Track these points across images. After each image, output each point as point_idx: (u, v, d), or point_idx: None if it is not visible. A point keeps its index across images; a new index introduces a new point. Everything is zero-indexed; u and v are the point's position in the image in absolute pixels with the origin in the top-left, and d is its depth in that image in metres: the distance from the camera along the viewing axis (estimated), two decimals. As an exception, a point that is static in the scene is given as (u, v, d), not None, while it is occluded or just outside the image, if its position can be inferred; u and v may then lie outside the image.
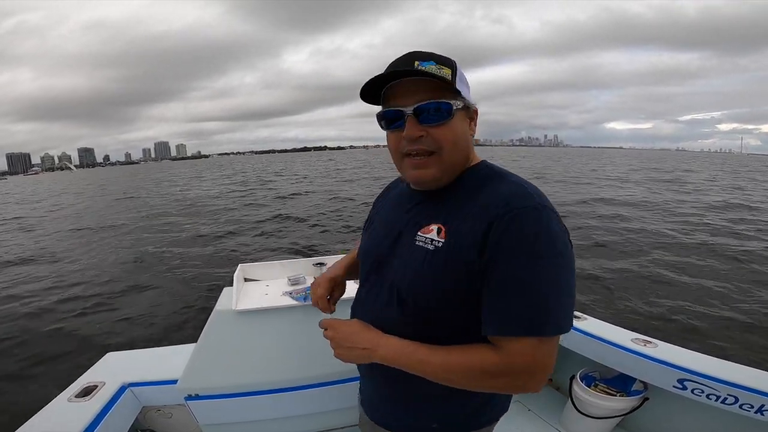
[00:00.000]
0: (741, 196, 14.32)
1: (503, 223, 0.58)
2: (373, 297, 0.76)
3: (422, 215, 0.70)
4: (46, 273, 5.84)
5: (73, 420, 1.17)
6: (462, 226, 0.63)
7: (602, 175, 23.53)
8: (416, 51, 0.64)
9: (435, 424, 0.75)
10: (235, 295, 1.36)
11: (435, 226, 0.66)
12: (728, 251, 6.40)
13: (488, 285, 0.60)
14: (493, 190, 0.64)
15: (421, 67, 0.61)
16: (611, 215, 9.57)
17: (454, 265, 0.62)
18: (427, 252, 0.65)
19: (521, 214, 0.59)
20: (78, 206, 15.38)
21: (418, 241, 0.67)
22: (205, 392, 1.32)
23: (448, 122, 0.63)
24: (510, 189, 0.63)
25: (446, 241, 0.64)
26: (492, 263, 0.59)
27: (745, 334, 3.67)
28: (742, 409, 1.31)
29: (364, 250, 0.84)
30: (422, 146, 0.64)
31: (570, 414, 1.69)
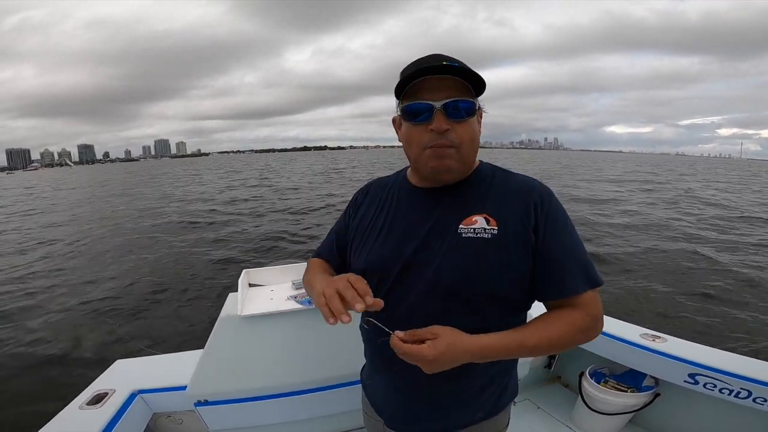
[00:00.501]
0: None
1: (544, 205, 0.70)
2: (401, 309, 0.73)
3: (453, 209, 0.73)
4: (54, 280, 5.91)
5: (86, 428, 1.18)
6: (507, 213, 0.70)
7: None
8: (441, 53, 0.71)
9: (480, 414, 0.81)
10: (240, 300, 1.37)
11: (479, 216, 0.70)
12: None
13: (547, 256, 0.69)
14: (513, 180, 0.76)
15: (453, 66, 0.66)
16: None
17: (516, 247, 0.69)
18: (485, 241, 0.69)
19: (552, 196, 0.73)
20: (78, 205, 15.52)
21: (465, 233, 0.70)
22: (214, 398, 1.32)
23: (470, 120, 0.70)
24: (524, 178, 0.76)
25: (500, 227, 0.69)
26: (545, 238, 0.69)
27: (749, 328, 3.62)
28: (756, 402, 1.29)
29: (378, 260, 0.77)
30: (446, 140, 0.68)
31: (581, 411, 1.68)
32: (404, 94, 0.70)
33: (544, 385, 2.01)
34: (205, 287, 5.22)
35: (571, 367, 1.95)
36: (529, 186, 0.73)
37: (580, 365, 1.78)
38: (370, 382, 0.91)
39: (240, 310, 1.31)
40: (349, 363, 1.31)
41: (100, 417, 1.24)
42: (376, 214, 0.82)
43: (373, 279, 0.73)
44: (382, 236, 0.79)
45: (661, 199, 14.01)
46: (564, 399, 1.88)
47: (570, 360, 1.95)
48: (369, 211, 0.84)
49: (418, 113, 0.68)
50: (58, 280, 5.97)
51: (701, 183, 21.71)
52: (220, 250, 7.23)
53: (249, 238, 8.12)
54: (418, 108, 0.68)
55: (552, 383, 2.03)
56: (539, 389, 1.98)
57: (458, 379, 0.74)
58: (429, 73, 0.67)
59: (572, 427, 1.71)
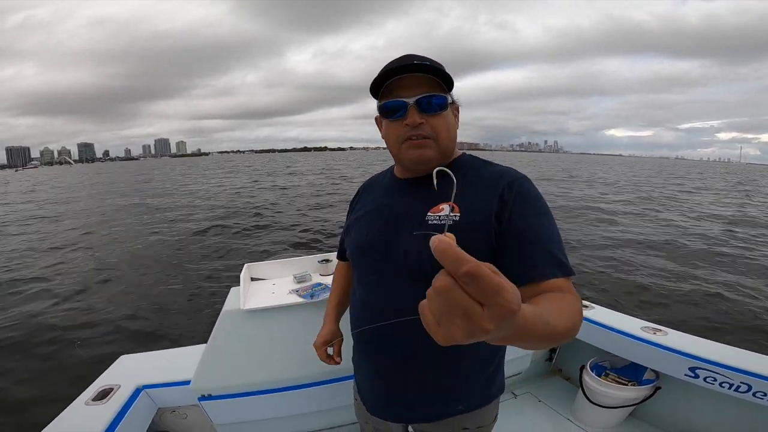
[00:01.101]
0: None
1: (513, 189, 0.71)
2: (385, 284, 0.79)
3: (425, 198, 0.76)
4: (55, 276, 5.94)
5: (92, 423, 1.20)
6: (472, 201, 0.72)
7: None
8: (413, 53, 0.75)
9: (460, 406, 0.81)
10: (242, 294, 1.37)
11: (445, 205, 0.73)
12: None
13: (514, 240, 0.68)
14: (488, 170, 0.78)
15: (423, 64, 0.71)
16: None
17: (474, 235, 0.69)
18: (446, 228, 0.67)
19: (523, 182, 0.73)
20: (79, 203, 15.53)
21: (431, 221, 0.73)
22: (218, 392, 1.34)
23: (443, 113, 0.74)
24: (501, 167, 0.78)
25: (462, 214, 0.71)
26: (511, 223, 0.69)
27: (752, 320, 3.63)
28: (755, 396, 1.29)
29: (365, 243, 0.84)
30: (422, 132, 0.74)
31: (581, 404, 1.69)
32: (381, 93, 0.76)
33: (545, 378, 2.02)
34: (207, 282, 5.24)
35: (571, 361, 1.95)
36: (500, 173, 0.75)
37: (581, 358, 1.79)
38: (356, 365, 0.95)
39: (242, 304, 1.32)
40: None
41: (105, 412, 1.25)
42: (364, 208, 0.90)
43: (368, 259, 0.83)
44: (366, 224, 0.86)
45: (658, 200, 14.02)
46: (565, 392, 1.89)
47: (571, 353, 1.96)
48: (362, 205, 0.92)
49: (395, 110, 0.74)
50: (60, 271, 6.00)
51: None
52: (222, 245, 7.25)
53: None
54: (394, 105, 0.74)
55: (553, 376, 2.04)
56: (540, 382, 1.99)
57: (444, 367, 0.78)
58: (399, 73, 0.72)
59: (573, 420, 1.72)
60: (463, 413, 0.82)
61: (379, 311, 0.78)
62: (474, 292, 0.31)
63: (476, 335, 0.33)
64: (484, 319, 0.31)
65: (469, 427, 0.84)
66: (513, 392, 1.91)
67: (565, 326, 0.55)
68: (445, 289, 0.31)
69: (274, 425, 1.46)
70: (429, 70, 0.70)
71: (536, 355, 1.86)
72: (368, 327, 0.78)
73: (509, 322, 0.33)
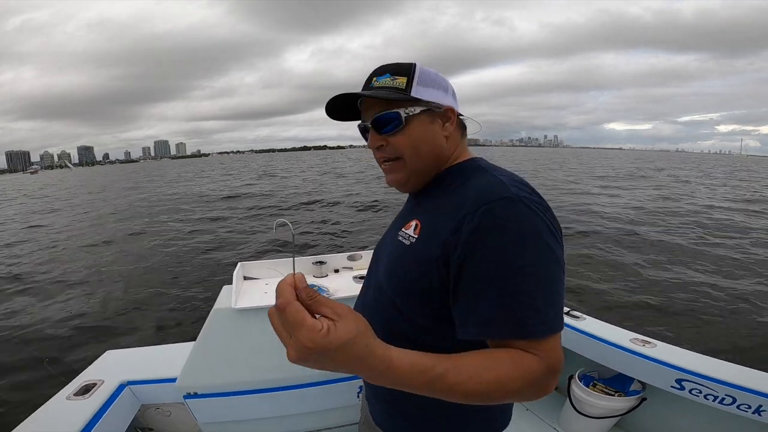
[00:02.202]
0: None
1: (476, 218, 0.55)
2: (367, 300, 0.79)
3: (409, 213, 0.74)
4: (44, 270, 5.83)
5: (72, 418, 1.17)
6: (436, 223, 0.63)
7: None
8: (379, 66, 0.68)
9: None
10: (234, 293, 1.36)
11: (414, 221, 0.68)
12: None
13: (468, 284, 0.55)
14: (470, 186, 0.63)
15: (376, 81, 0.67)
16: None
17: (422, 261, 0.61)
18: (403, 247, 0.67)
19: (495, 207, 0.55)
20: (78, 200, 15.37)
21: (399, 236, 0.70)
22: (204, 391, 1.32)
23: (403, 129, 0.66)
24: (486, 182, 0.61)
25: (419, 236, 0.65)
26: (467, 261, 0.54)
27: (740, 333, 3.68)
28: (739, 409, 1.31)
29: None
30: (384, 154, 0.69)
31: (568, 414, 1.70)
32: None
33: None
34: (199, 279, 5.18)
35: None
36: (477, 193, 0.59)
37: (571, 368, 1.80)
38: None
39: (234, 302, 1.31)
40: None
41: (87, 407, 1.23)
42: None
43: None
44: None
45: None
46: (553, 402, 1.90)
47: None
48: None
49: (363, 134, 0.73)
50: (49, 268, 5.90)
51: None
52: (215, 242, 7.18)
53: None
54: (361, 130, 0.73)
55: None
56: None
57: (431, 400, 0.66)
58: (341, 100, 0.69)
59: (559, 430, 1.73)
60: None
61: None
62: (282, 323, 0.40)
63: (290, 358, 0.39)
64: (289, 347, 0.39)
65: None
66: None
67: (476, 389, 0.48)
68: (269, 314, 0.41)
69: (261, 426, 1.44)
70: (373, 93, 0.65)
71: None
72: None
73: (317, 357, 0.39)
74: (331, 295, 1.32)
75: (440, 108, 0.68)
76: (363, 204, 11.36)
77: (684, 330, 3.85)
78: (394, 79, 0.66)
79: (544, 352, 0.52)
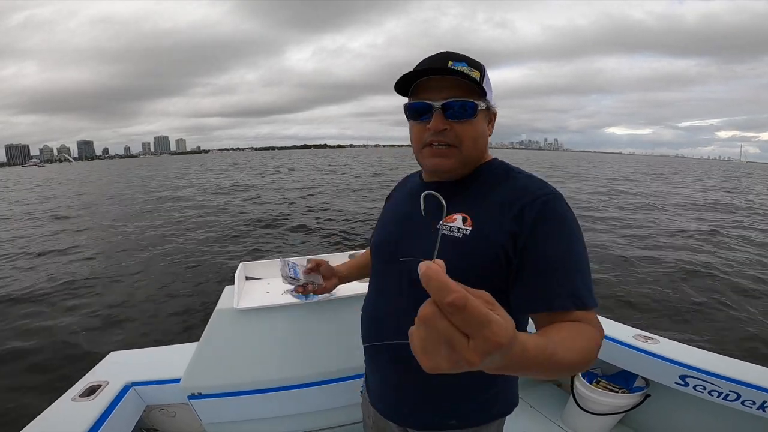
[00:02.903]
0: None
1: (535, 208, 0.64)
2: (390, 287, 0.79)
3: (437, 207, 0.72)
4: (48, 270, 5.86)
5: (78, 420, 1.18)
6: (488, 215, 0.67)
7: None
8: (450, 51, 0.70)
9: (453, 421, 0.77)
10: (236, 293, 1.36)
11: (458, 215, 0.69)
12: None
13: (529, 265, 0.63)
14: (514, 182, 0.71)
15: (454, 67, 0.67)
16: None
17: (483, 251, 0.65)
18: (457, 240, 0.68)
19: (549, 199, 0.65)
20: (78, 198, 15.39)
21: (442, 229, 0.69)
22: (208, 391, 1.32)
23: (472, 120, 0.69)
24: (529, 180, 0.70)
25: (473, 228, 0.67)
26: (530, 245, 0.63)
27: (747, 331, 3.68)
28: (744, 405, 1.31)
29: (377, 242, 0.85)
30: (444, 139, 0.69)
31: (572, 410, 1.70)
32: (411, 91, 0.72)
33: (536, 384, 2.03)
34: (202, 280, 5.20)
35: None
36: (525, 187, 0.68)
37: None
38: (367, 369, 0.94)
39: (236, 302, 1.31)
40: (344, 358, 1.31)
41: (92, 409, 1.23)
42: (393, 204, 0.91)
43: (380, 259, 0.83)
44: (385, 224, 0.87)
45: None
46: (556, 398, 1.90)
47: None
48: (391, 201, 0.93)
49: (420, 112, 0.70)
50: (52, 267, 5.92)
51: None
52: (217, 242, 7.19)
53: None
54: (419, 107, 0.70)
55: (545, 382, 2.04)
56: (532, 388, 1.99)
57: (441, 382, 0.67)
58: (425, 75, 0.68)
59: (563, 427, 1.73)
60: (455, 429, 0.78)
61: (382, 313, 0.78)
62: (459, 323, 0.30)
63: (462, 366, 0.32)
64: (469, 352, 0.31)
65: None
66: None
67: (575, 359, 0.52)
68: (429, 319, 0.31)
69: (265, 426, 1.45)
70: (462, 76, 0.66)
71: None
72: (372, 344, 0.79)
73: (499, 355, 0.32)
74: (333, 294, 1.32)
75: (492, 110, 0.74)
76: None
77: (687, 326, 3.85)
78: (471, 70, 0.68)
79: (595, 320, 0.61)
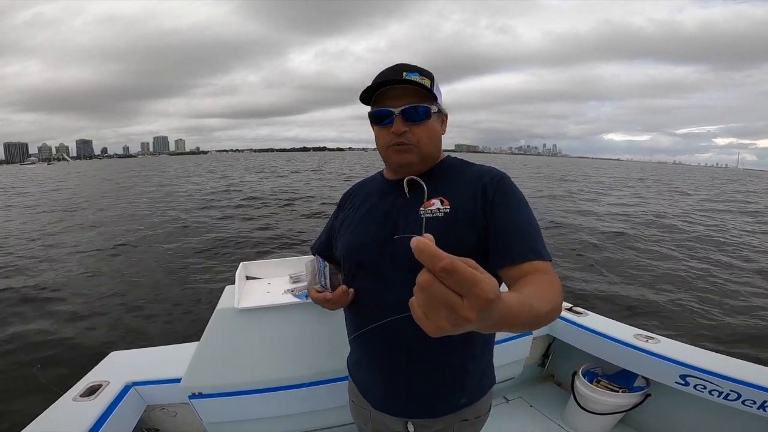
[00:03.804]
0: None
1: (494, 184, 0.79)
2: (383, 285, 0.82)
3: (417, 197, 0.81)
4: (48, 270, 5.86)
5: (78, 419, 1.18)
6: (459, 195, 0.80)
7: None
8: (404, 63, 0.81)
9: (464, 399, 0.85)
10: (237, 293, 1.36)
11: (435, 200, 0.79)
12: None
13: (497, 229, 0.76)
14: (472, 169, 0.86)
15: (407, 77, 0.77)
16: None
17: (463, 225, 0.77)
18: (440, 219, 0.78)
19: (503, 177, 0.82)
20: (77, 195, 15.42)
21: (424, 215, 0.78)
22: (209, 391, 1.32)
23: (426, 122, 0.81)
24: (483, 167, 0.86)
25: (452, 207, 0.78)
26: (494, 215, 0.77)
27: (746, 328, 3.68)
28: (744, 405, 1.31)
29: (357, 245, 0.87)
30: (404, 140, 0.80)
31: (572, 410, 1.70)
32: (373, 101, 0.82)
33: (537, 384, 2.03)
34: (202, 280, 5.20)
35: (564, 366, 1.96)
36: (483, 171, 0.84)
37: (574, 364, 1.80)
38: (355, 366, 0.96)
39: (236, 302, 1.31)
40: (344, 358, 1.31)
41: (93, 409, 1.23)
42: (355, 209, 0.94)
43: (352, 263, 0.88)
44: (359, 225, 0.89)
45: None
46: (556, 398, 1.90)
47: (563, 359, 1.97)
48: (351, 208, 0.97)
49: (382, 118, 0.81)
50: (52, 267, 5.92)
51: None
52: (217, 242, 7.20)
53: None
54: (381, 113, 0.81)
55: (545, 382, 2.05)
56: (532, 387, 1.99)
57: (445, 361, 0.81)
58: (385, 86, 0.78)
59: (563, 426, 1.73)
60: (465, 406, 0.85)
61: (385, 307, 0.79)
62: (452, 285, 0.34)
63: (461, 324, 0.35)
64: (465, 309, 0.34)
65: (468, 419, 0.88)
66: (505, 397, 1.92)
67: (548, 308, 0.59)
68: (426, 285, 0.35)
69: (265, 425, 1.45)
70: (415, 84, 0.76)
71: (529, 360, 1.87)
72: (375, 325, 0.79)
73: (490, 311, 0.36)
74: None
75: (443, 112, 0.85)
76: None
77: (688, 325, 3.85)
78: (422, 78, 0.78)
79: (552, 270, 0.72)
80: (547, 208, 11.78)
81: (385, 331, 0.79)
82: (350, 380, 1.01)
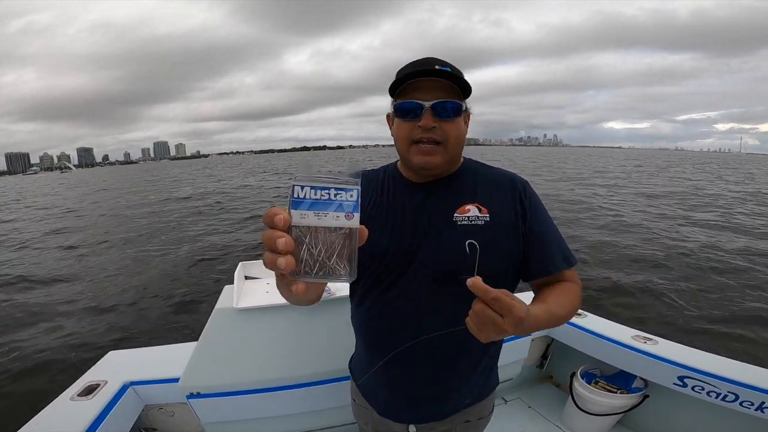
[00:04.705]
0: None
1: (526, 193, 0.80)
2: (412, 296, 0.77)
3: (447, 200, 0.79)
4: (47, 271, 5.85)
5: (76, 419, 1.17)
6: (494, 202, 0.78)
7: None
8: (435, 57, 0.76)
9: (468, 400, 0.86)
10: (236, 293, 1.36)
11: (471, 205, 0.77)
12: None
13: (535, 239, 0.78)
14: (495, 173, 0.84)
15: (438, 68, 0.72)
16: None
17: (507, 232, 0.77)
18: (479, 227, 0.76)
19: (528, 183, 0.83)
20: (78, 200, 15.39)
21: (460, 221, 0.76)
22: (207, 390, 1.32)
23: (456, 119, 0.75)
24: (506, 171, 0.85)
25: (491, 214, 0.77)
26: (532, 224, 0.78)
27: (744, 331, 3.68)
28: (742, 406, 1.31)
29: (383, 252, 0.78)
30: (433, 136, 0.74)
31: (571, 411, 1.70)
32: (398, 93, 0.76)
33: (535, 385, 2.03)
34: (201, 279, 5.19)
35: (563, 367, 1.96)
36: (510, 177, 0.83)
37: (572, 365, 1.80)
38: (361, 371, 0.93)
39: (235, 302, 1.31)
40: (343, 358, 1.31)
41: (90, 408, 1.23)
42: (371, 206, 0.83)
43: (377, 269, 0.79)
44: (382, 228, 0.79)
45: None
46: (555, 399, 1.90)
47: (562, 360, 1.97)
48: (363, 203, 0.87)
49: (410, 111, 0.75)
50: (50, 267, 5.91)
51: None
52: (216, 242, 7.18)
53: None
54: (410, 106, 0.74)
55: (543, 383, 2.05)
56: (531, 388, 1.99)
57: (456, 361, 0.82)
58: (421, 76, 0.73)
59: (561, 427, 1.73)
60: (469, 406, 0.86)
61: (412, 316, 0.78)
62: (497, 309, 0.52)
63: (503, 334, 0.54)
64: (505, 324, 0.53)
65: (470, 420, 0.88)
66: (503, 398, 1.92)
67: (567, 312, 0.74)
68: (480, 310, 0.53)
69: (264, 425, 1.45)
70: (449, 77, 0.72)
71: (528, 361, 1.87)
72: (425, 337, 0.78)
73: (521, 324, 0.54)
74: (332, 294, 1.32)
75: (469, 110, 0.79)
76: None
77: (685, 326, 3.85)
78: (457, 72, 0.74)
79: (576, 276, 0.81)
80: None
81: (420, 342, 0.78)
82: (352, 381, 1.00)
